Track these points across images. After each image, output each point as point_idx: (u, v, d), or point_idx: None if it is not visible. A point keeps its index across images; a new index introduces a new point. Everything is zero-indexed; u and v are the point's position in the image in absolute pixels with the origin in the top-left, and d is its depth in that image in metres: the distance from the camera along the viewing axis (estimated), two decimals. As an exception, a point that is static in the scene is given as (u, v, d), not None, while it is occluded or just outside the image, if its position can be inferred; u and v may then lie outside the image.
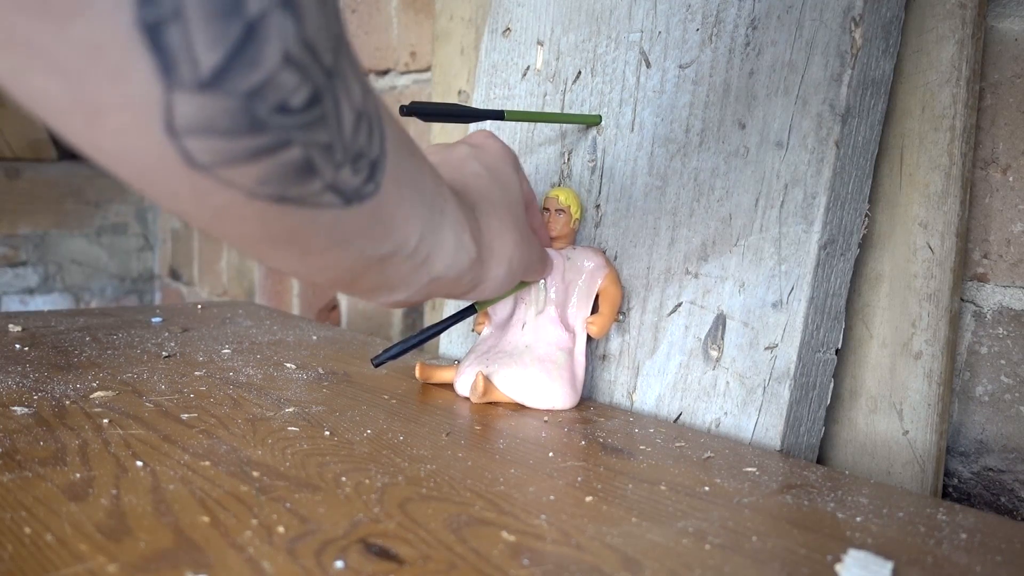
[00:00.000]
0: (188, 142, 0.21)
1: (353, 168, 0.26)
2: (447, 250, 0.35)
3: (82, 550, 0.26)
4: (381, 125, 0.27)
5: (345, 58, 0.24)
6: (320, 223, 0.27)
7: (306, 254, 0.28)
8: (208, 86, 0.20)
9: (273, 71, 0.21)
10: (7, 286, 1.48)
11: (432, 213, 0.33)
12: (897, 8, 0.44)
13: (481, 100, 0.64)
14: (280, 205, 0.24)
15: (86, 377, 0.50)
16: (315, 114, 0.23)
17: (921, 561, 0.29)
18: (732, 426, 0.46)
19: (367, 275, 0.32)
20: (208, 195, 0.23)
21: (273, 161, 0.23)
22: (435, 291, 0.37)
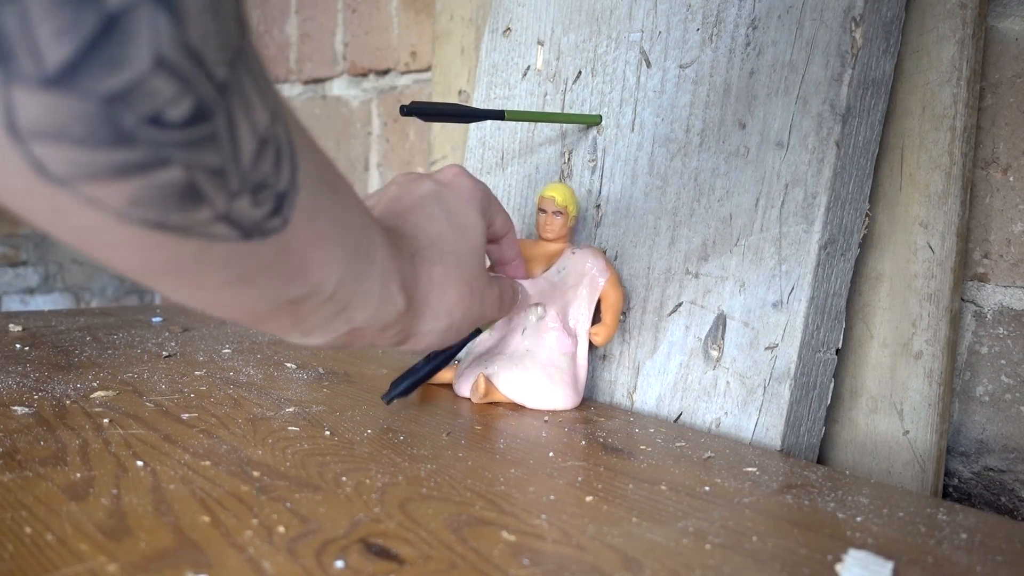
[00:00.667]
0: (37, 148, 0.18)
1: (253, 199, 0.23)
2: (371, 301, 0.32)
3: (82, 550, 0.27)
4: (293, 155, 0.25)
5: (246, 74, 0.21)
6: (212, 257, 0.23)
7: (200, 288, 0.25)
8: (55, 83, 0.17)
9: (142, 75, 0.18)
10: (8, 286, 1.48)
11: (355, 259, 0.30)
12: (897, 8, 0.44)
13: (481, 100, 0.64)
14: (160, 233, 0.21)
15: (86, 377, 0.50)
16: (201, 132, 0.20)
17: (921, 561, 0.29)
18: (732, 426, 0.46)
19: (276, 317, 0.29)
20: (69, 214, 0.20)
21: (146, 181, 0.20)
22: (357, 340, 0.33)
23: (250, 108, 0.22)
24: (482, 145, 0.63)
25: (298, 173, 0.25)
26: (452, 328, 0.37)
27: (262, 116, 0.22)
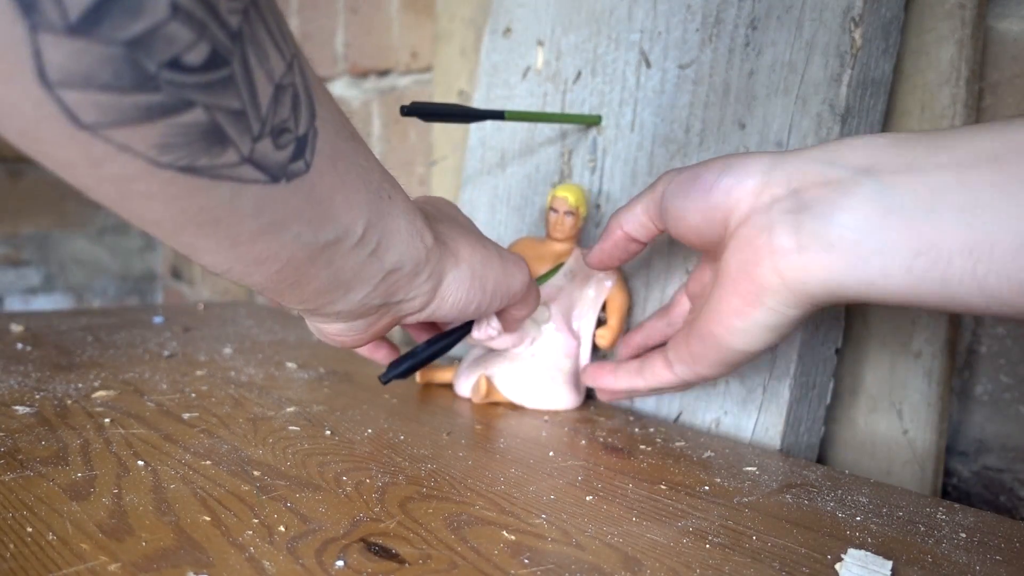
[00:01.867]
0: (67, 95, 0.19)
1: (275, 142, 0.25)
2: (400, 236, 0.33)
3: (84, 549, 0.27)
4: (312, 102, 0.26)
5: (260, 26, 0.23)
6: (244, 201, 0.25)
7: (236, 242, 0.26)
8: (79, 31, 0.18)
9: (160, 21, 0.19)
10: (9, 286, 1.48)
11: (379, 200, 0.31)
12: (897, 8, 0.44)
13: (482, 100, 0.64)
14: (191, 177, 0.23)
15: (88, 377, 0.50)
16: (219, 75, 0.21)
17: (921, 560, 0.29)
18: (732, 425, 0.46)
19: (313, 268, 0.30)
20: (104, 162, 0.21)
21: (172, 122, 0.21)
22: (394, 290, 0.34)
23: (265, 56, 0.23)
24: (482, 145, 0.64)
25: (316, 119, 0.26)
26: (475, 278, 0.37)
27: (277, 64, 0.24)
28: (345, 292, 0.32)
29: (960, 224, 0.27)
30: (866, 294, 0.30)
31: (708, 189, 0.35)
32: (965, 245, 0.27)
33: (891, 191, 0.29)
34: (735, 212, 0.34)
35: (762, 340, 0.34)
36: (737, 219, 0.34)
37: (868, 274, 0.30)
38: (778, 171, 0.33)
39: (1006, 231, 0.26)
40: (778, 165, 0.33)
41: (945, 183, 0.28)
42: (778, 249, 0.32)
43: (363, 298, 0.33)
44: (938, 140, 0.29)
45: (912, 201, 0.28)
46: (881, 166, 0.30)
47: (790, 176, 0.32)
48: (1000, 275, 0.27)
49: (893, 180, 0.29)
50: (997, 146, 0.27)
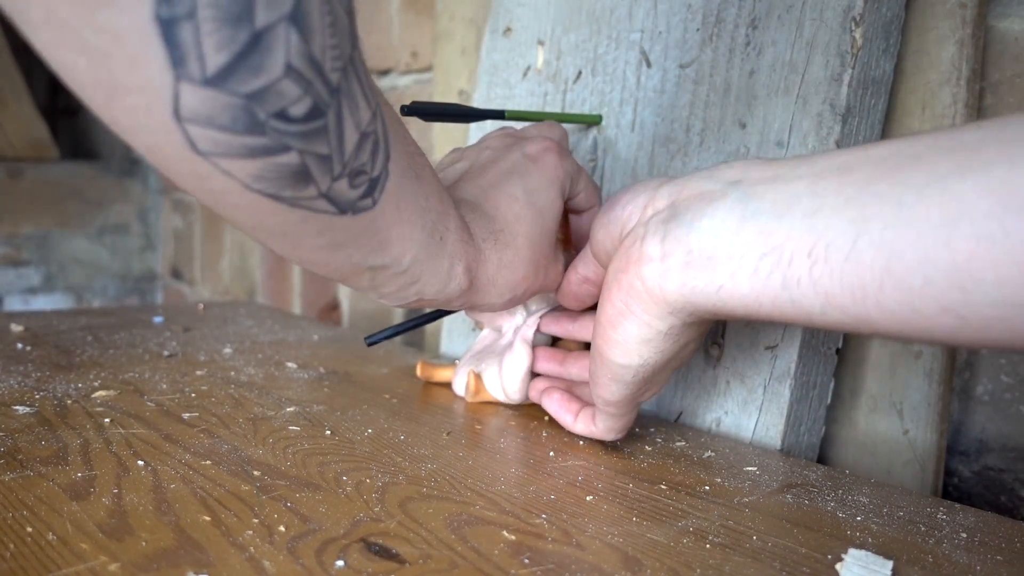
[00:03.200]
0: (191, 129, 0.23)
1: (351, 182, 0.28)
2: (439, 277, 0.36)
3: (84, 549, 0.27)
4: (387, 147, 0.29)
5: (355, 79, 0.26)
6: (311, 224, 0.28)
7: (297, 247, 0.30)
8: (212, 83, 0.22)
9: (275, 79, 0.23)
10: (9, 286, 1.48)
11: (430, 239, 0.34)
12: (897, 8, 0.44)
13: (482, 100, 0.64)
14: (273, 202, 0.26)
15: (88, 376, 0.50)
16: (315, 126, 0.25)
17: (921, 560, 0.29)
18: (732, 425, 0.46)
19: (357, 278, 0.34)
20: (207, 179, 0.25)
21: (269, 162, 0.24)
22: (424, 305, 0.38)
23: (355, 107, 0.26)
24: (482, 145, 0.64)
25: (390, 163, 0.30)
26: (514, 300, 0.41)
27: (365, 114, 0.27)
28: (379, 296, 0.36)
29: (804, 227, 0.28)
30: (716, 300, 0.31)
31: (611, 209, 0.36)
32: (806, 247, 0.28)
33: (752, 199, 0.30)
34: (626, 227, 0.35)
35: (638, 354, 0.34)
36: (625, 232, 0.35)
37: (718, 278, 0.30)
38: (666, 187, 0.34)
39: (840, 233, 0.27)
40: (669, 183, 0.34)
41: (798, 191, 0.29)
42: (645, 256, 0.32)
43: (393, 303, 0.37)
44: (807, 157, 0.30)
45: (769, 207, 0.29)
46: (750, 178, 0.31)
47: (671, 191, 0.33)
48: (832, 276, 0.27)
49: (755, 189, 0.30)
50: (851, 158, 0.28)
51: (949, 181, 0.24)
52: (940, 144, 0.26)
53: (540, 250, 0.40)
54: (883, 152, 0.27)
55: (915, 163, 0.26)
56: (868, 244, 0.26)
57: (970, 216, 0.23)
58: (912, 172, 0.26)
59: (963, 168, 0.24)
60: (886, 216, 0.25)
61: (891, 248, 0.25)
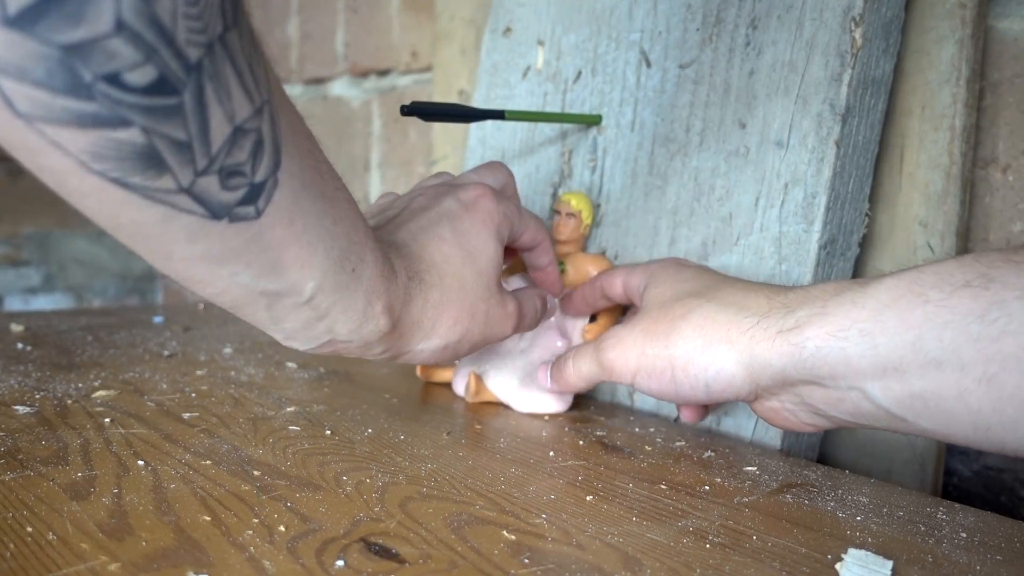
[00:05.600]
0: (4, 83, 0.20)
1: (223, 182, 0.25)
2: (353, 316, 0.33)
3: (84, 549, 0.27)
4: (277, 153, 0.26)
5: (227, 64, 0.23)
6: (178, 227, 0.25)
7: (169, 260, 0.27)
8: (16, 25, 0.19)
9: (101, 34, 0.20)
10: (9, 286, 1.48)
11: (339, 270, 0.31)
12: (897, 8, 0.44)
13: (482, 100, 0.64)
14: (122, 190, 0.23)
15: (88, 376, 0.50)
16: (164, 103, 0.22)
17: (921, 560, 0.29)
18: (732, 425, 0.46)
19: (252, 306, 0.30)
20: (39, 153, 0.22)
21: (105, 136, 0.22)
22: (340, 352, 0.35)
23: (226, 95, 0.23)
24: (482, 145, 0.64)
25: (279, 171, 0.26)
26: (448, 348, 0.39)
27: (242, 106, 0.24)
28: (286, 338, 0.33)
29: (982, 441, 0.29)
30: None
31: (703, 400, 0.37)
32: (994, 449, 0.29)
33: (904, 412, 0.31)
34: (740, 398, 0.36)
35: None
36: (747, 399, 0.37)
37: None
38: (764, 379, 0.34)
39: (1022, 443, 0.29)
40: (759, 374, 0.34)
41: (953, 411, 0.29)
42: (821, 426, 0.36)
43: (309, 350, 0.34)
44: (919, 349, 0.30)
45: (928, 422, 0.31)
46: (874, 383, 0.31)
47: (782, 385, 0.34)
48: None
49: (898, 401, 0.31)
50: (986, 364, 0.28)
51: None
52: None
53: (474, 293, 0.38)
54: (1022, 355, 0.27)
55: None
56: None
57: None
58: None
59: None
60: None
61: None
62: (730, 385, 0.35)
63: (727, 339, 0.35)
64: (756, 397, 0.36)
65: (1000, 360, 0.27)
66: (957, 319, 0.28)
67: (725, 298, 0.36)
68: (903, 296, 0.30)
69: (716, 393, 0.36)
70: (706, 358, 0.35)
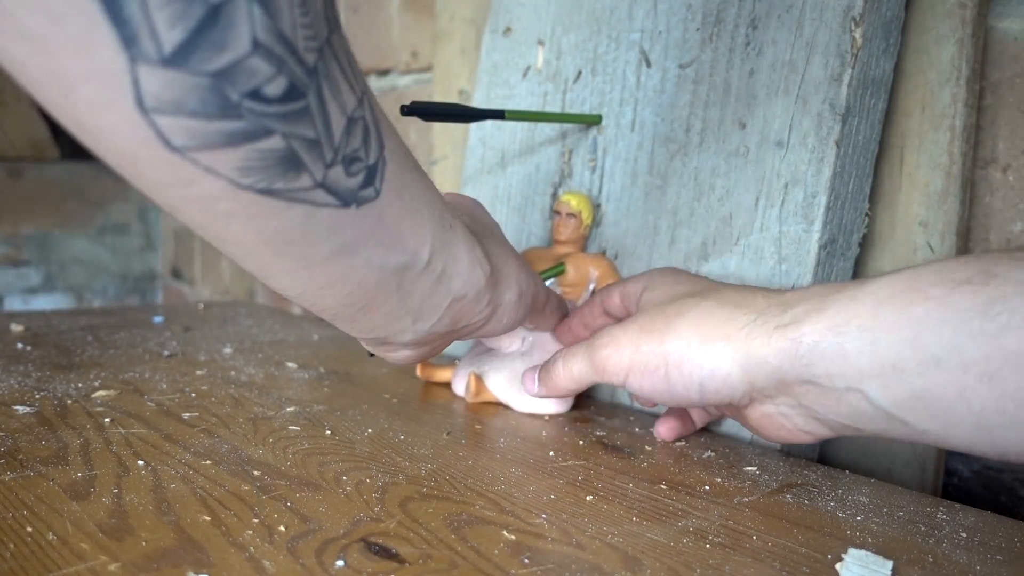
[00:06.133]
0: (160, 120, 0.21)
1: (347, 170, 0.26)
2: (463, 265, 0.34)
3: (84, 549, 0.27)
4: (380, 135, 0.28)
5: (335, 63, 0.25)
6: (317, 223, 0.27)
7: (310, 263, 0.28)
8: (172, 62, 0.20)
9: (243, 55, 0.21)
10: (9, 286, 1.48)
11: (442, 228, 0.33)
12: (897, 8, 0.44)
13: (482, 100, 0.64)
14: (268, 199, 0.25)
15: (88, 376, 0.50)
16: (296, 107, 0.23)
17: (921, 560, 0.29)
18: (732, 425, 0.46)
19: (382, 293, 0.31)
20: (192, 183, 0.23)
21: (252, 148, 0.23)
22: (459, 317, 0.36)
23: (338, 90, 0.25)
24: (482, 145, 0.64)
25: (385, 150, 0.28)
26: (523, 297, 0.40)
27: (349, 98, 0.26)
28: (414, 320, 0.34)
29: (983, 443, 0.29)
30: None
31: (696, 403, 0.36)
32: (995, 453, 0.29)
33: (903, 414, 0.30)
34: (733, 402, 0.35)
35: None
36: (742, 405, 0.36)
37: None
38: (760, 380, 0.34)
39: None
40: (755, 374, 0.34)
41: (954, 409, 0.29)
42: (817, 435, 0.35)
43: (432, 326, 0.35)
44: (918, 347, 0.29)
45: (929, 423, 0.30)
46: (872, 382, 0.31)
47: (777, 386, 0.33)
48: None
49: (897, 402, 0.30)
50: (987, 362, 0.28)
51: None
52: None
53: (514, 249, 0.41)
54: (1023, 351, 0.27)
55: None
56: None
57: None
58: None
59: None
60: None
61: None
62: (725, 384, 0.34)
63: (724, 336, 0.34)
64: (751, 401, 0.35)
65: (1002, 357, 0.27)
66: (957, 316, 0.28)
67: (723, 297, 0.36)
68: (903, 293, 0.30)
69: (710, 393, 0.35)
70: (701, 355, 0.35)
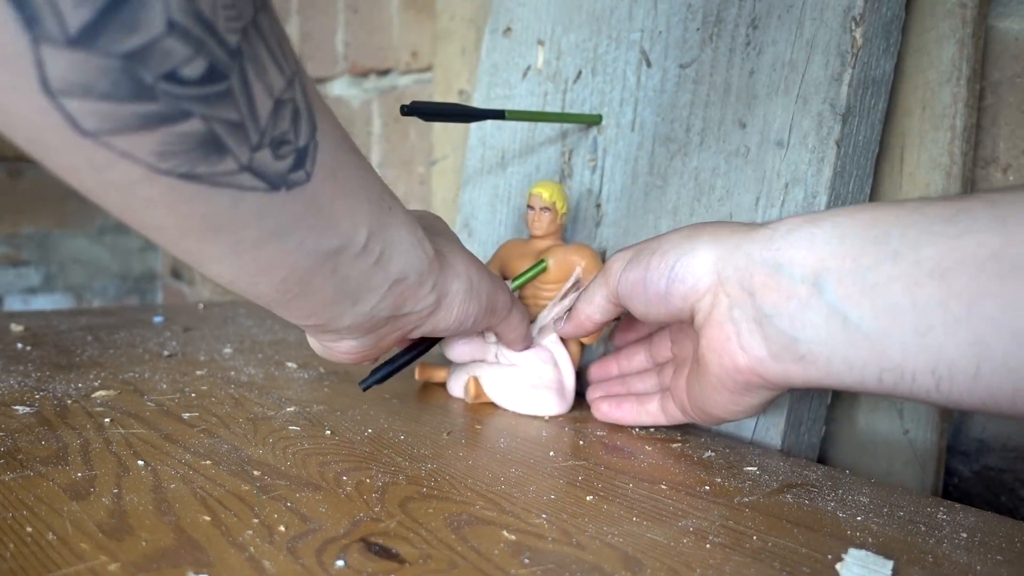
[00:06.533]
0: (68, 104, 0.21)
1: (275, 153, 0.26)
2: (403, 246, 0.34)
3: (83, 549, 0.27)
4: (312, 117, 0.28)
5: (261, 44, 0.24)
6: (245, 208, 0.26)
7: (239, 250, 0.28)
8: (79, 43, 0.20)
9: (156, 37, 0.21)
10: (9, 286, 1.48)
11: (380, 210, 0.32)
12: (897, 7, 0.44)
13: (482, 100, 0.64)
14: (191, 183, 0.24)
15: (88, 376, 0.50)
16: (217, 89, 0.23)
17: (921, 560, 0.29)
18: (732, 425, 0.46)
19: (318, 277, 0.31)
20: (107, 168, 0.22)
21: (170, 131, 0.22)
22: (401, 301, 0.35)
23: (264, 72, 0.25)
24: (482, 145, 0.64)
25: (317, 132, 0.28)
26: (473, 290, 0.39)
27: (277, 80, 0.25)
28: (353, 303, 0.34)
29: (919, 348, 0.29)
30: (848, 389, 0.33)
31: (663, 296, 0.37)
32: (927, 366, 0.29)
33: (847, 306, 0.31)
34: (697, 313, 0.36)
35: (761, 409, 0.38)
36: (701, 319, 0.36)
37: (843, 381, 0.32)
38: (728, 269, 0.34)
39: (961, 355, 0.28)
40: (726, 261, 0.34)
41: (898, 304, 0.29)
42: (755, 359, 0.34)
43: (371, 309, 0.34)
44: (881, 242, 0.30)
45: (871, 322, 0.30)
46: (829, 274, 0.31)
47: (741, 277, 0.34)
48: (963, 391, 0.29)
49: (845, 293, 0.31)
50: (940, 258, 0.29)
51: None
52: None
53: (469, 251, 0.41)
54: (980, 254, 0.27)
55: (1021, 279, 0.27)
56: (992, 370, 0.27)
57: None
58: (1021, 293, 0.27)
59: None
60: (1006, 344, 0.27)
61: (1018, 375, 0.27)
62: (691, 271, 0.35)
63: (712, 233, 0.36)
64: (712, 305, 0.35)
65: (956, 256, 0.28)
66: (925, 220, 0.29)
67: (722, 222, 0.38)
68: (884, 205, 0.31)
69: (677, 279, 0.36)
70: (686, 244, 0.36)
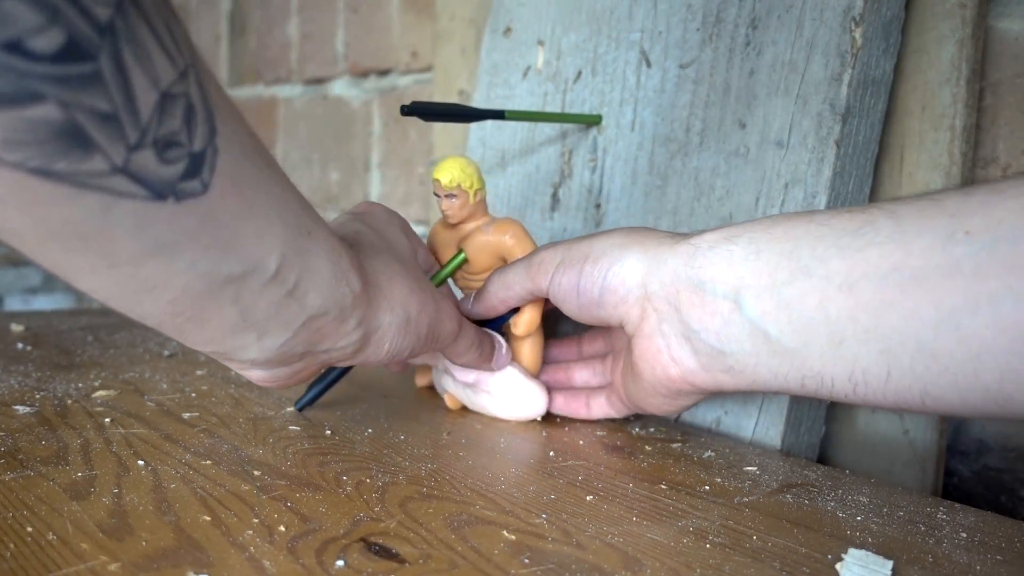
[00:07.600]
0: None
1: (160, 156, 0.22)
2: (323, 279, 0.30)
3: (84, 549, 0.27)
4: (211, 119, 0.24)
5: (144, 25, 0.21)
6: (119, 216, 0.22)
7: (114, 264, 0.23)
8: None
9: None
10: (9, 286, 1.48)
11: (297, 234, 0.28)
12: (897, 8, 0.44)
13: (482, 100, 0.64)
14: (47, 182, 0.20)
15: (88, 376, 0.50)
16: (79, 70, 0.19)
17: (921, 560, 0.29)
18: (732, 425, 0.46)
19: (214, 303, 0.27)
20: None
21: (18, 116, 0.19)
22: (318, 337, 0.32)
23: (146, 57, 0.21)
24: (482, 145, 0.64)
25: (217, 137, 0.24)
26: (411, 323, 0.35)
27: (166, 70, 0.22)
28: (259, 336, 0.30)
29: (835, 358, 0.31)
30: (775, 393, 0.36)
31: (596, 303, 0.38)
32: (844, 373, 0.31)
33: (767, 324, 0.33)
34: (627, 323, 0.38)
35: (694, 405, 0.40)
36: (631, 329, 0.38)
37: (769, 386, 0.34)
38: (654, 283, 0.36)
39: (873, 362, 0.30)
40: (653, 275, 0.36)
41: (813, 319, 0.31)
42: (686, 370, 0.36)
43: (282, 345, 0.31)
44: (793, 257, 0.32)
45: (790, 336, 0.32)
46: (748, 290, 0.33)
47: (668, 293, 0.36)
48: (876, 394, 0.31)
49: (764, 310, 0.32)
50: (848, 271, 0.30)
51: (961, 317, 0.27)
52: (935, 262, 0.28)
53: (410, 269, 0.37)
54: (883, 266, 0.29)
55: (920, 289, 0.28)
56: (902, 374, 0.29)
57: (991, 353, 0.27)
58: (921, 303, 0.28)
59: (971, 303, 0.27)
60: (911, 352, 0.29)
61: (924, 379, 0.29)
62: (623, 282, 0.37)
63: (640, 244, 0.37)
64: (641, 317, 0.37)
65: (862, 269, 0.29)
66: (833, 234, 0.31)
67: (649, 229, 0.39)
68: (796, 218, 0.33)
69: (609, 289, 0.37)
70: (617, 253, 0.37)
